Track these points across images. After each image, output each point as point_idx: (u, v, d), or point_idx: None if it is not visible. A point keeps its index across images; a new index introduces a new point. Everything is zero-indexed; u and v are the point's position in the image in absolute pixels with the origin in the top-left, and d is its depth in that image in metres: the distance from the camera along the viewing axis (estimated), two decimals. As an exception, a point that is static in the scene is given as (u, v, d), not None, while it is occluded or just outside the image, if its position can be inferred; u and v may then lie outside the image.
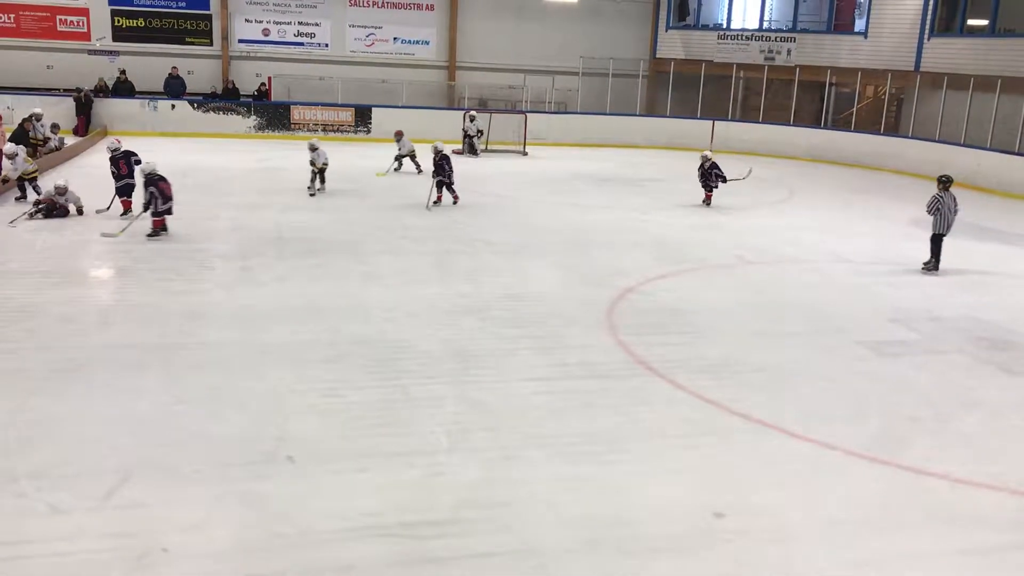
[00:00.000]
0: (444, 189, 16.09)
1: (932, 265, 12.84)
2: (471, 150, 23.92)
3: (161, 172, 12.80)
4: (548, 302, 10.48)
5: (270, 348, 8.49)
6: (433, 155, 16.02)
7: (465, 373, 8.10)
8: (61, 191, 13.58)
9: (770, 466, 6.57)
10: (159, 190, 12.56)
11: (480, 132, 24.17)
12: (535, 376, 8.12)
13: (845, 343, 9.42)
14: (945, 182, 12.96)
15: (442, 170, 15.90)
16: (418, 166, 19.84)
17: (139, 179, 13.03)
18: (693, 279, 11.98)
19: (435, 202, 15.97)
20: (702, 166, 17.36)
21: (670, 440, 6.95)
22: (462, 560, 5.21)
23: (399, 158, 20.09)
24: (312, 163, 16.97)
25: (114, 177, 14.03)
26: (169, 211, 12.79)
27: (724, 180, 17.31)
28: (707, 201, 17.45)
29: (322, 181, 17.17)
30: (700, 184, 17.54)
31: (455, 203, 16.17)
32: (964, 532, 5.78)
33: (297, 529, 5.41)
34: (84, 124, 23.66)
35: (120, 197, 14.04)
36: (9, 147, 14.94)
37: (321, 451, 6.45)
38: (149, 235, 12.62)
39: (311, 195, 16.73)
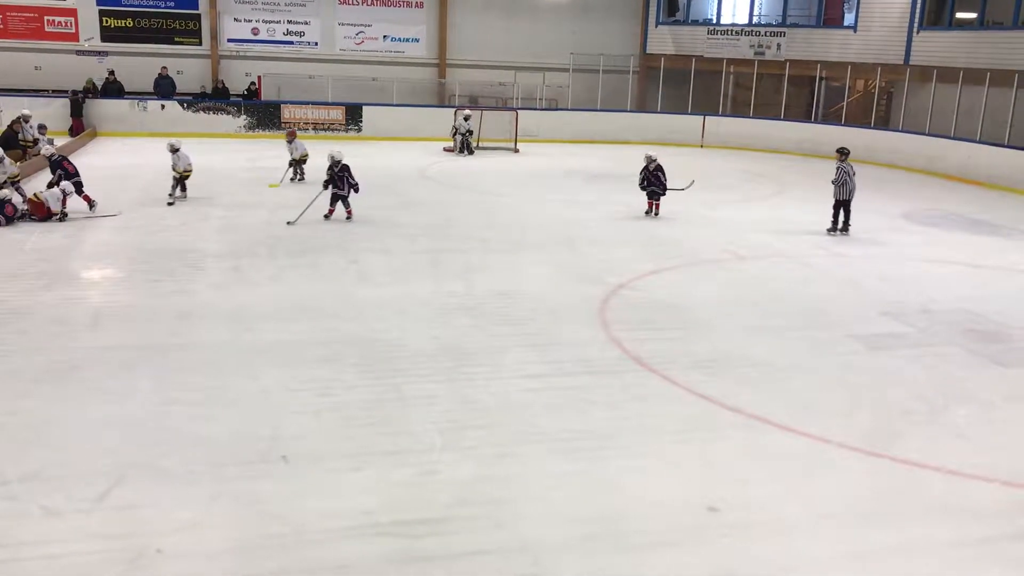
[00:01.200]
0: (339, 202, 14.24)
1: (834, 227, 14.68)
2: (465, 148, 23.82)
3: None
4: (541, 299, 10.48)
5: (263, 348, 8.47)
6: (329, 163, 14.06)
7: (458, 371, 8.10)
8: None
9: (764, 460, 6.59)
10: None
11: (470, 131, 24.03)
12: (528, 373, 8.13)
13: (837, 337, 9.44)
14: (845, 153, 14.71)
15: (341, 182, 14.05)
16: (302, 173, 17.87)
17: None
18: (685, 274, 12.00)
19: (326, 215, 14.15)
20: (646, 167, 15.50)
21: (664, 435, 6.96)
22: (457, 558, 5.21)
23: (294, 164, 17.86)
24: (173, 167, 15.31)
25: (64, 178, 14.25)
26: None
27: (665, 189, 15.54)
28: (652, 211, 15.63)
29: (183, 189, 15.54)
30: (641, 188, 15.69)
31: (348, 218, 14.29)
32: (958, 524, 5.80)
33: (292, 528, 5.40)
34: (80, 125, 23.68)
35: (78, 195, 14.35)
36: None
37: (315, 450, 6.44)
38: None
39: (169, 204, 15.04)
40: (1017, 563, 5.41)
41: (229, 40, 27.60)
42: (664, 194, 15.59)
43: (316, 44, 28.28)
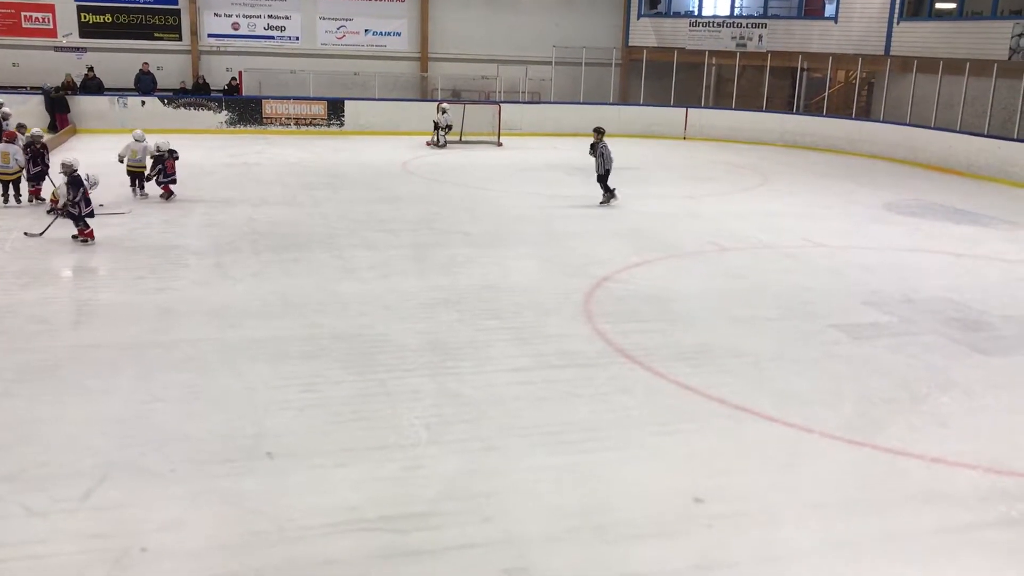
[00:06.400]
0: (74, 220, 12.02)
1: (608, 198, 15.99)
2: (439, 142, 23.75)
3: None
4: (525, 292, 10.47)
5: (246, 344, 8.43)
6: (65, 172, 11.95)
7: (443, 365, 8.09)
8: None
9: (748, 450, 6.62)
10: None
11: (449, 126, 23.92)
12: (513, 367, 8.12)
13: (820, 327, 9.49)
14: (601, 132, 16.20)
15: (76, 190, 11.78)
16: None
17: None
18: (669, 266, 12.02)
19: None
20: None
21: (649, 427, 6.97)
22: (443, 552, 5.20)
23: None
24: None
25: (37, 165, 14.58)
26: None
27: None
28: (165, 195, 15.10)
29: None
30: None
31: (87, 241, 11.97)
32: (940, 511, 5.85)
33: (277, 525, 5.38)
34: (64, 121, 23.71)
35: (37, 184, 14.69)
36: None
37: (299, 447, 6.42)
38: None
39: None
40: (999, 549, 5.46)
41: (209, 35, 27.42)
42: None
43: (297, 39, 28.14)
